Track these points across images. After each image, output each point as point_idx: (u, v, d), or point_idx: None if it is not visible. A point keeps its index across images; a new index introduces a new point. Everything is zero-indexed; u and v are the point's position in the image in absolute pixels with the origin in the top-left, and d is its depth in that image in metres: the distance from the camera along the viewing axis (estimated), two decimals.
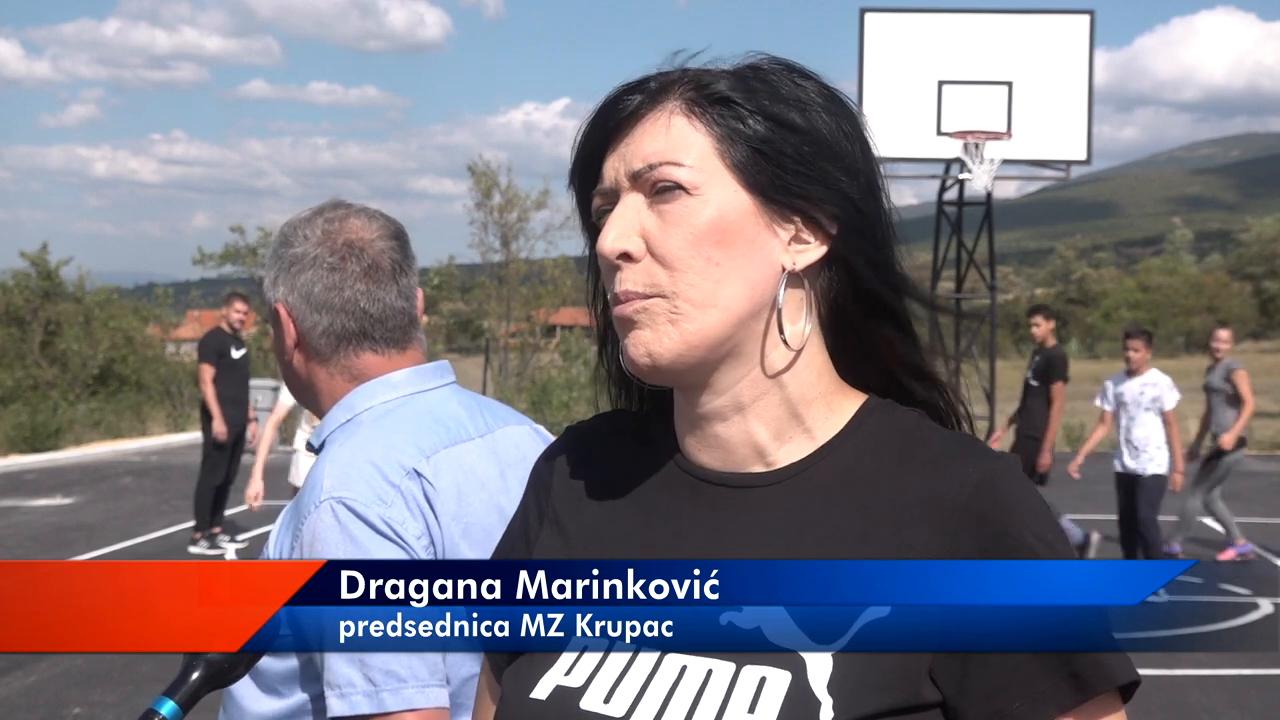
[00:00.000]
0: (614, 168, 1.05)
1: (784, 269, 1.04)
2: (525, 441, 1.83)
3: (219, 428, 9.85)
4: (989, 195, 15.23)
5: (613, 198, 1.06)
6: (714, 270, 1.02)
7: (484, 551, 1.65)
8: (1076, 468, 9.02)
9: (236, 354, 10.00)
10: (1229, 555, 9.39)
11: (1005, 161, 14.70)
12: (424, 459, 1.67)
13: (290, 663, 1.60)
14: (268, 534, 2.06)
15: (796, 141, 1.03)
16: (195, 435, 18.90)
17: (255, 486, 7.67)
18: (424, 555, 1.60)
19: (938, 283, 16.29)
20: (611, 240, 1.03)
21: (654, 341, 1.02)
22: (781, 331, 1.05)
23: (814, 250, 1.05)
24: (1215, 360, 9.68)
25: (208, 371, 9.89)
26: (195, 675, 1.13)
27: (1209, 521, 10.30)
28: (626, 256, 1.03)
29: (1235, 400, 9.47)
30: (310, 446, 1.78)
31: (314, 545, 1.58)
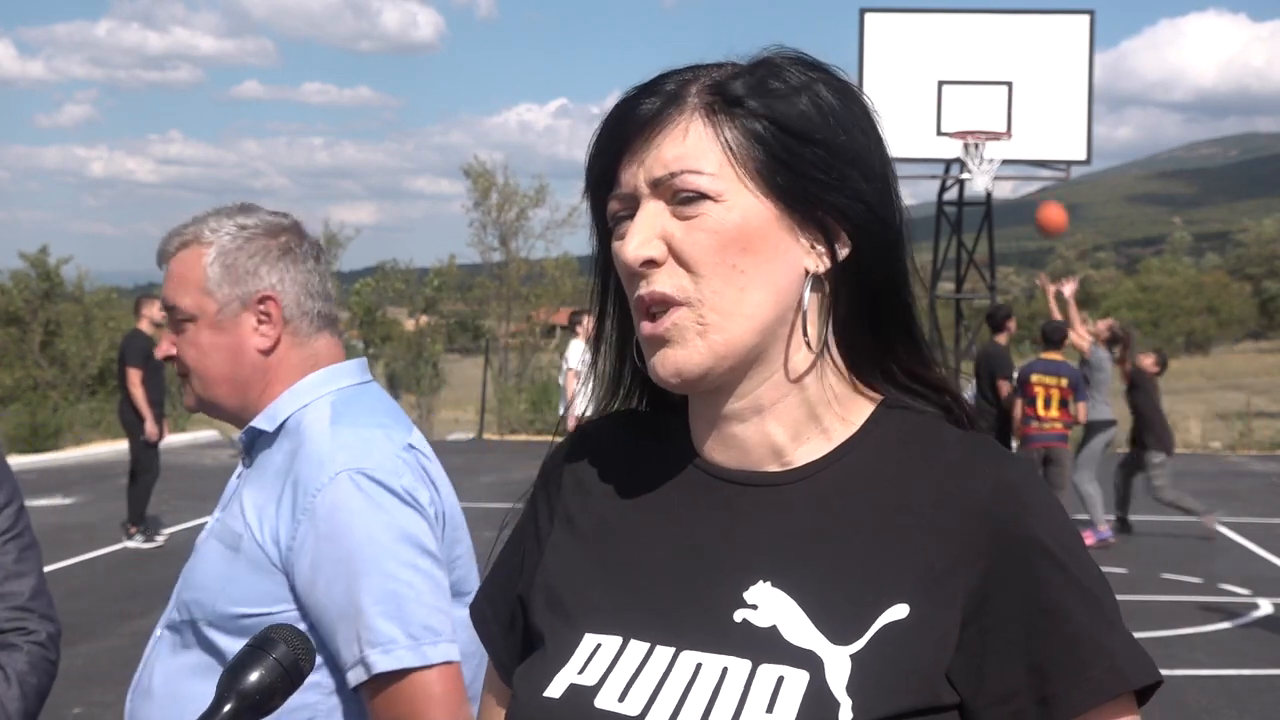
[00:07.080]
0: (633, 174, 1.03)
1: (807, 272, 1.03)
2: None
3: (151, 429, 9.87)
4: (989, 195, 15.23)
5: (631, 204, 1.04)
6: (738, 277, 1.01)
7: (463, 522, 1.79)
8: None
9: (158, 355, 9.95)
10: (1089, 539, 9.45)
11: (1005, 161, 14.70)
12: (411, 434, 1.77)
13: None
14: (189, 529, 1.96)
15: (816, 147, 1.02)
16: (196, 435, 18.92)
17: None
18: (436, 522, 1.70)
19: (938, 283, 16.29)
20: (634, 248, 1.01)
21: (684, 360, 1.01)
22: (805, 335, 1.04)
23: (836, 253, 1.04)
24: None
25: (136, 374, 9.86)
26: (228, 707, 1.03)
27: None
28: (651, 263, 1.01)
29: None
30: (253, 430, 1.79)
31: (334, 516, 1.63)
